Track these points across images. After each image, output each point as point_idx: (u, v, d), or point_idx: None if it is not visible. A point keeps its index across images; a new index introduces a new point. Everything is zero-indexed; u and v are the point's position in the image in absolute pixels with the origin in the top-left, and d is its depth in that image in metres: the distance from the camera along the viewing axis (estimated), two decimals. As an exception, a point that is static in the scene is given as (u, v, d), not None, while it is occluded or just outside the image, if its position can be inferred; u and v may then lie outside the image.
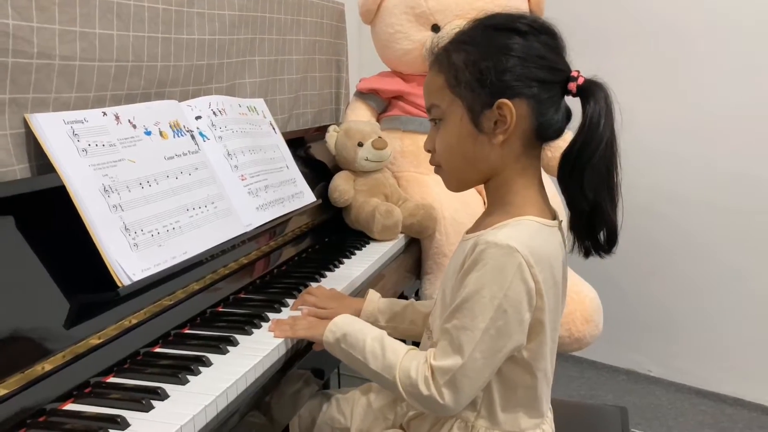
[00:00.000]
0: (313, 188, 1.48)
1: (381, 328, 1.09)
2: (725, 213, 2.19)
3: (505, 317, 0.82)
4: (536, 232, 0.87)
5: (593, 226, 0.88)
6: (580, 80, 0.87)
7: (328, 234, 1.58)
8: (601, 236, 0.89)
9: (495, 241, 0.83)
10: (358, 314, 1.11)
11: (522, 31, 0.86)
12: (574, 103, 0.89)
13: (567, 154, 0.87)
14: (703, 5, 2.14)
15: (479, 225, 0.93)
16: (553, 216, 0.92)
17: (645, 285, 2.35)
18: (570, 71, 0.88)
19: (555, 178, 0.93)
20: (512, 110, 0.85)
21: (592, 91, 0.86)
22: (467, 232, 0.95)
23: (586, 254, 0.91)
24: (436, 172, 0.96)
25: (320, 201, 1.50)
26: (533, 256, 0.83)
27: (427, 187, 1.71)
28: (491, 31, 0.88)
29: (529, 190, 0.90)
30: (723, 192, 2.18)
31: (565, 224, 0.93)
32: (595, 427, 1.24)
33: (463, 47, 0.88)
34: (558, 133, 0.90)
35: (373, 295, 1.14)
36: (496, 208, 0.92)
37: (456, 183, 0.95)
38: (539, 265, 0.83)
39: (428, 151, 0.95)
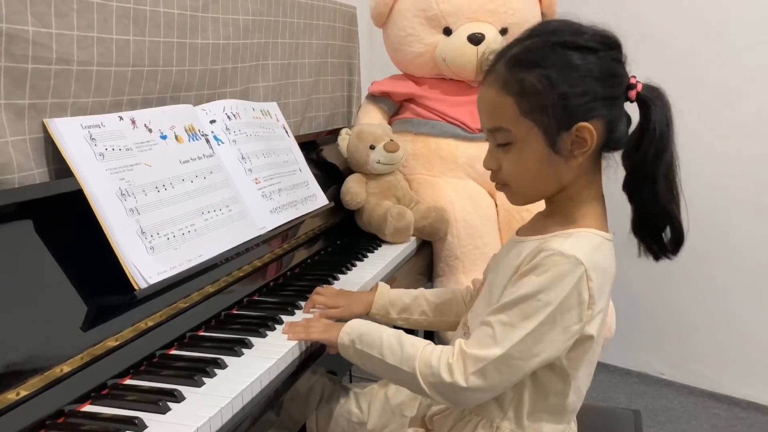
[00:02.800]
0: (325, 191, 1.49)
1: (392, 320, 1.12)
2: (738, 214, 2.18)
3: (553, 325, 0.82)
4: (599, 246, 0.87)
5: (661, 229, 0.88)
6: (639, 87, 0.85)
7: (341, 236, 1.59)
8: (666, 238, 0.89)
9: (562, 251, 0.83)
10: (369, 307, 1.12)
11: (593, 49, 0.84)
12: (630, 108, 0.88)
13: (638, 165, 0.86)
14: (715, 7, 2.13)
15: (537, 228, 0.92)
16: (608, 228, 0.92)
17: (657, 287, 2.34)
18: (629, 79, 0.86)
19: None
20: (593, 133, 0.84)
21: (652, 99, 0.85)
22: (520, 234, 0.95)
23: (656, 257, 0.90)
24: (500, 189, 0.94)
25: (332, 204, 1.50)
26: (595, 270, 0.83)
27: (438, 190, 1.71)
28: (561, 49, 0.84)
29: (593, 203, 0.90)
30: (738, 192, 2.17)
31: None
32: (608, 430, 1.24)
33: (535, 69, 0.84)
34: (622, 144, 0.88)
35: (383, 287, 1.15)
36: (557, 215, 0.91)
37: (524, 200, 0.94)
38: (598, 279, 0.83)
39: (490, 169, 0.93)
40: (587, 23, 0.87)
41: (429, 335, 1.90)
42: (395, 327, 1.06)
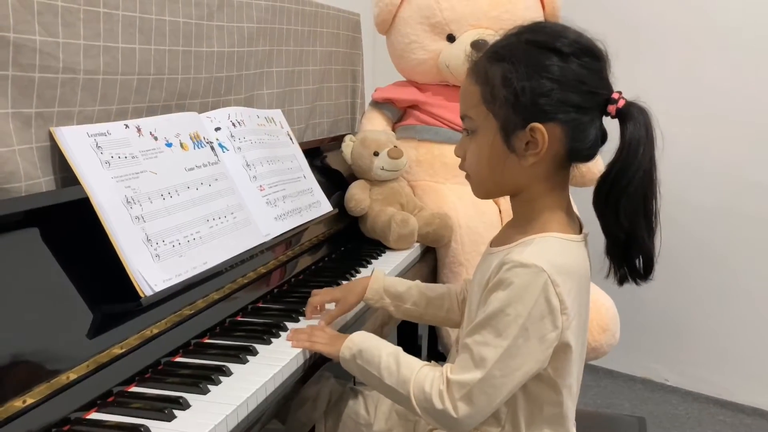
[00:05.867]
0: (329, 197, 1.50)
1: (385, 305, 1.13)
2: (741, 220, 2.18)
3: (527, 336, 0.82)
4: (562, 249, 0.86)
5: (629, 253, 0.86)
6: (621, 103, 0.84)
7: (344, 243, 1.59)
8: (638, 264, 0.87)
9: (521, 261, 0.82)
10: (364, 293, 1.13)
11: (563, 53, 0.83)
12: (612, 124, 0.87)
13: (603, 180, 0.85)
14: (716, 12, 2.14)
15: (504, 238, 0.93)
16: (579, 229, 0.92)
17: (661, 293, 2.34)
18: (611, 92, 0.85)
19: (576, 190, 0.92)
20: (545, 135, 0.83)
21: (631, 115, 0.83)
22: (491, 245, 0.95)
23: (621, 282, 0.89)
24: (466, 178, 0.95)
25: (336, 210, 1.51)
26: (560, 274, 0.82)
27: (442, 196, 1.71)
28: (532, 48, 0.84)
29: (555, 208, 0.89)
30: (739, 199, 2.17)
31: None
32: (612, 437, 1.23)
33: (501, 63, 0.85)
34: (590, 157, 0.88)
35: (378, 273, 1.16)
36: (521, 222, 0.91)
37: (483, 193, 0.95)
38: (565, 284, 0.82)
39: (458, 156, 0.95)
40: (579, 30, 0.86)
41: (432, 336, 1.90)
42: (397, 333, 1.07)
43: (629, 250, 0.86)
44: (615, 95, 0.85)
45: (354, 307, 1.16)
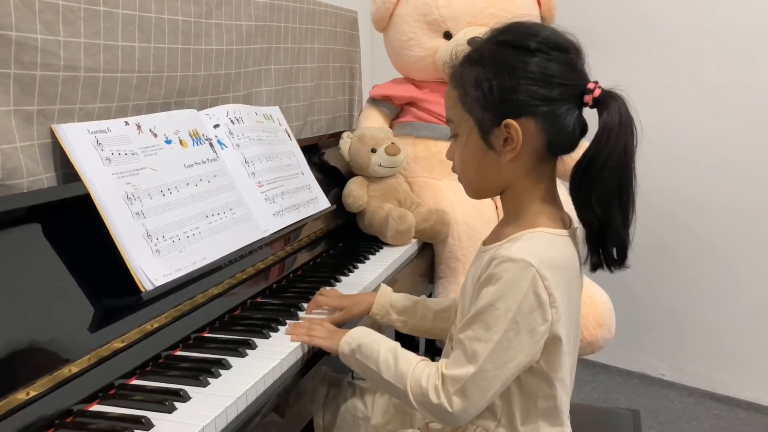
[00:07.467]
0: (327, 194, 1.51)
1: (392, 320, 1.13)
2: (738, 216, 2.19)
3: (518, 329, 0.83)
4: (550, 244, 0.88)
5: (603, 241, 0.88)
6: (597, 92, 0.85)
7: (342, 239, 1.61)
8: (613, 251, 0.88)
9: (509, 256, 0.84)
10: (370, 307, 1.14)
11: (530, 49, 0.85)
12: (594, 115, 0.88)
13: (577, 167, 0.86)
14: (716, 10, 2.15)
15: (496, 236, 0.94)
16: (567, 224, 0.93)
17: (657, 288, 2.36)
18: (586, 83, 0.86)
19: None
20: (518, 131, 0.85)
21: (607, 104, 0.84)
22: (484, 243, 0.97)
23: (593, 268, 0.91)
24: (459, 180, 0.97)
25: (334, 207, 1.52)
26: (548, 269, 0.83)
27: (439, 193, 1.73)
28: (501, 48, 0.87)
29: (541, 202, 0.91)
30: (736, 195, 2.18)
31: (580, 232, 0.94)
32: (607, 430, 1.25)
33: (472, 65, 0.88)
34: (570, 148, 0.90)
35: (385, 288, 1.17)
36: (511, 219, 0.93)
37: (473, 193, 0.97)
38: (554, 278, 0.84)
39: (449, 160, 0.97)
40: (554, 27, 0.88)
41: (430, 343, 1.92)
42: (396, 330, 1.08)
43: (603, 237, 0.88)
44: (590, 85, 0.86)
45: (356, 318, 1.15)
